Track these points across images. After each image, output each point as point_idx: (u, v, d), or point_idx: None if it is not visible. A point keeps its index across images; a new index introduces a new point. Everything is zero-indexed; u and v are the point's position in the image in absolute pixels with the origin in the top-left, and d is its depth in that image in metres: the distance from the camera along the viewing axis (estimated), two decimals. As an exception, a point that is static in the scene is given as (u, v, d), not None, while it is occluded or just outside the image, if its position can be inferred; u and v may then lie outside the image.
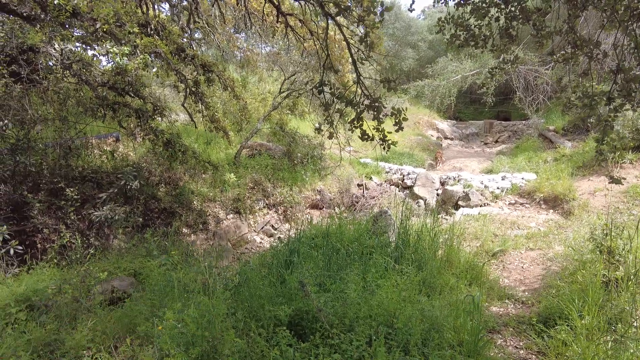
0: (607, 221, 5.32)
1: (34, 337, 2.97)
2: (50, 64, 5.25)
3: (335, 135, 4.77)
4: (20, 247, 4.68)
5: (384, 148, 4.56)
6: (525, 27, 4.04)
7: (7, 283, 3.99)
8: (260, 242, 8.19)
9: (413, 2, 3.96)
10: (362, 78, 4.47)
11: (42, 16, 4.90)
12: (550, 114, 16.78)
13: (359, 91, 4.48)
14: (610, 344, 3.16)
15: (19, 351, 2.78)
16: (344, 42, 4.51)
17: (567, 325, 3.52)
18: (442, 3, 4.00)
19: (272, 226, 8.78)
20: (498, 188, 10.12)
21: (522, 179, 10.35)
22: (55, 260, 4.79)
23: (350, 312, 3.20)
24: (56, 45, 5.13)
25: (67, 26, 5.06)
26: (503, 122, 22.33)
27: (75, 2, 4.71)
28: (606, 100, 3.63)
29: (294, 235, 5.47)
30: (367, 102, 4.36)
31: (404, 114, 4.22)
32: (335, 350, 2.82)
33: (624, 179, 8.34)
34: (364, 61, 4.32)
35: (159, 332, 2.70)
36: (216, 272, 4.08)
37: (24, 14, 4.95)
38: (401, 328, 3.10)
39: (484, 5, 3.74)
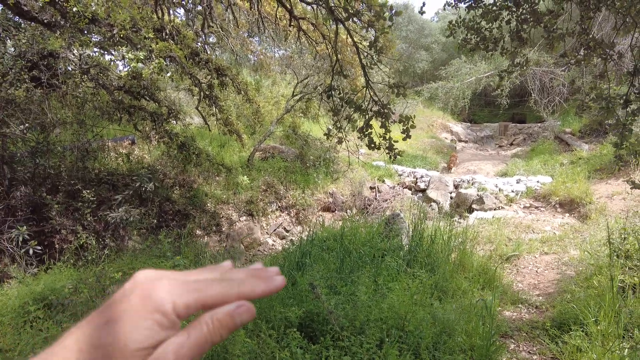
0: (625, 225, 5.22)
1: (50, 335, 3.04)
2: (69, 68, 5.38)
3: (344, 140, 4.78)
4: (39, 248, 4.80)
5: (390, 157, 4.55)
6: (539, 29, 4.00)
7: (26, 282, 4.10)
8: (273, 245, 8.23)
9: (423, 5, 3.96)
10: (371, 83, 4.47)
11: (62, 23, 5.04)
12: (567, 116, 16.49)
13: (369, 96, 4.49)
14: (626, 350, 3.10)
15: (37, 348, 2.85)
16: (354, 47, 4.53)
17: (582, 331, 3.47)
18: (452, 6, 3.99)
19: (285, 228, 8.82)
20: (513, 191, 9.99)
21: (538, 182, 10.19)
22: (72, 261, 4.90)
23: (361, 315, 3.21)
24: (75, 51, 5.27)
25: (85, 32, 5.19)
26: (518, 124, 22.01)
27: (93, 8, 4.83)
28: (623, 103, 3.57)
29: (306, 237, 5.49)
30: (375, 108, 4.37)
31: (412, 121, 4.21)
32: (345, 352, 2.83)
33: (643, 182, 8.13)
34: (374, 65, 4.33)
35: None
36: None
37: (45, 21, 5.10)
38: (412, 331, 3.09)
39: (494, 8, 3.72)
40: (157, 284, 0.35)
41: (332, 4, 4.27)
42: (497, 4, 3.68)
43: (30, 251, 4.68)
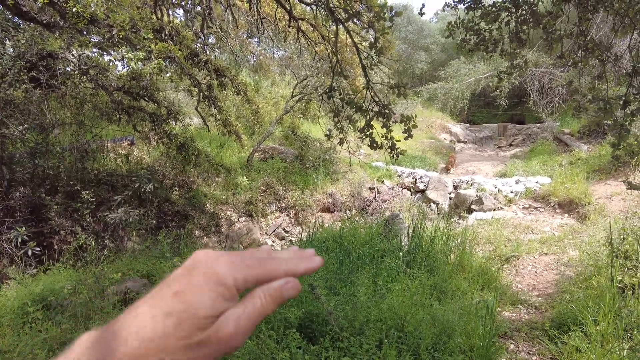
0: (624, 225, 5.22)
1: (49, 335, 3.04)
2: (68, 69, 5.38)
3: (345, 140, 4.78)
4: (38, 249, 4.80)
5: (392, 157, 4.56)
6: (538, 30, 4.01)
7: (25, 283, 4.10)
8: (272, 245, 8.22)
9: (423, 6, 3.96)
10: (372, 83, 4.48)
11: (61, 23, 5.03)
12: (566, 116, 16.52)
13: (369, 96, 4.49)
14: (625, 351, 3.10)
15: (36, 349, 2.85)
16: (355, 47, 4.53)
17: (582, 332, 3.47)
18: (452, 7, 4.00)
19: (284, 229, 8.82)
20: (512, 192, 10.00)
21: (537, 182, 10.20)
22: (71, 262, 4.90)
23: (360, 316, 3.21)
24: (74, 52, 5.26)
25: (84, 33, 5.19)
26: (517, 125, 22.05)
27: (93, 9, 4.83)
28: (622, 103, 3.57)
29: (305, 238, 5.49)
30: (376, 108, 4.37)
31: (414, 121, 4.21)
32: (345, 353, 2.83)
33: (642, 183, 8.16)
34: (374, 66, 4.33)
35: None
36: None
37: (44, 22, 5.10)
38: (412, 332, 3.09)
39: (494, 9, 3.73)
40: (218, 261, 0.40)
41: (332, 5, 4.27)
42: (497, 5, 3.69)
43: (29, 252, 4.67)
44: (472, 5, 3.78)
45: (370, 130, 4.60)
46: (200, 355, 0.37)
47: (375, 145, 4.56)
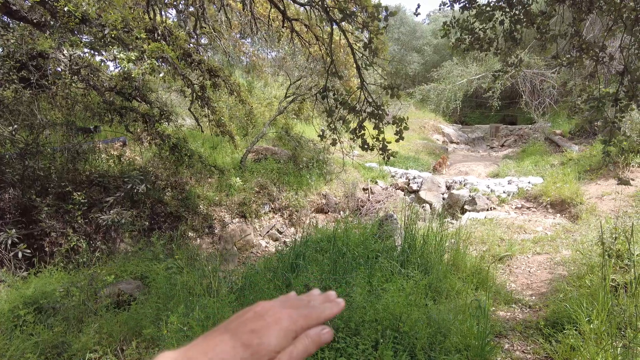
0: (616, 225, 5.27)
1: (41, 339, 2.99)
2: (59, 69, 5.32)
3: (338, 141, 4.78)
4: (29, 251, 4.73)
5: (384, 158, 4.56)
6: (530, 31, 4.03)
7: (16, 286, 4.03)
8: (266, 246, 8.19)
9: (418, 7, 3.97)
10: (366, 84, 4.48)
11: (52, 23, 4.97)
12: (557, 117, 16.68)
13: (363, 97, 4.49)
14: (619, 349, 3.12)
15: (27, 353, 2.80)
16: (349, 47, 4.53)
17: (575, 330, 3.49)
18: (447, 7, 4.01)
19: (278, 230, 8.79)
20: (504, 192, 10.06)
21: (529, 182, 10.28)
22: (63, 264, 4.83)
23: (355, 316, 3.20)
24: (65, 51, 5.20)
25: (76, 32, 5.13)
26: (509, 126, 22.22)
27: (84, 8, 4.78)
28: (613, 101, 3.61)
29: (299, 239, 5.47)
30: (369, 109, 4.37)
31: (406, 123, 4.22)
32: (341, 354, 2.82)
33: (633, 180, 8.27)
34: (368, 67, 4.33)
35: (164, 335, 2.71)
36: (221, 276, 4.09)
37: (34, 21, 5.03)
38: (407, 332, 3.09)
39: (488, 8, 3.75)
40: (282, 313, 0.53)
41: (326, 5, 4.27)
42: (491, 4, 3.71)
43: (19, 254, 4.60)
44: (467, 5, 3.80)
45: (362, 132, 4.60)
46: None
47: (366, 146, 4.56)
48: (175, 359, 0.48)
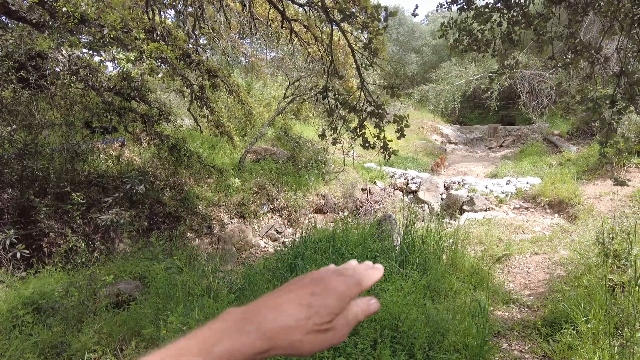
0: (613, 225, 5.30)
1: (40, 339, 2.99)
2: (58, 69, 5.31)
3: (339, 141, 4.79)
4: (27, 251, 4.72)
5: (385, 156, 4.58)
6: (528, 32, 4.05)
7: (14, 286, 4.03)
8: (265, 247, 8.20)
9: (416, 8, 3.99)
10: (366, 84, 4.49)
11: (51, 23, 4.97)
12: (555, 118, 16.72)
13: (363, 97, 4.50)
14: (616, 348, 3.14)
15: (26, 353, 2.80)
16: (349, 48, 4.54)
17: (573, 329, 3.50)
18: (445, 8, 4.03)
19: (277, 230, 8.80)
20: (503, 192, 10.09)
21: (527, 183, 10.30)
22: (62, 264, 4.83)
23: (354, 316, 3.20)
24: (64, 52, 5.20)
25: (75, 32, 5.13)
26: (507, 126, 22.27)
27: (83, 9, 4.78)
28: (609, 103, 3.63)
29: (298, 239, 5.48)
30: (370, 108, 4.38)
31: (407, 121, 4.23)
32: (339, 353, 2.83)
33: (629, 180, 8.30)
34: (367, 67, 4.34)
35: (164, 335, 2.72)
36: (220, 276, 4.10)
37: (33, 21, 5.03)
38: (406, 331, 3.10)
39: (486, 10, 3.76)
40: (338, 279, 0.56)
41: (326, 6, 4.28)
42: (489, 6, 3.73)
43: (18, 255, 4.60)
44: (465, 7, 3.82)
45: (363, 131, 4.61)
46: (321, 339, 0.52)
47: (367, 145, 4.57)
48: (244, 311, 0.50)
